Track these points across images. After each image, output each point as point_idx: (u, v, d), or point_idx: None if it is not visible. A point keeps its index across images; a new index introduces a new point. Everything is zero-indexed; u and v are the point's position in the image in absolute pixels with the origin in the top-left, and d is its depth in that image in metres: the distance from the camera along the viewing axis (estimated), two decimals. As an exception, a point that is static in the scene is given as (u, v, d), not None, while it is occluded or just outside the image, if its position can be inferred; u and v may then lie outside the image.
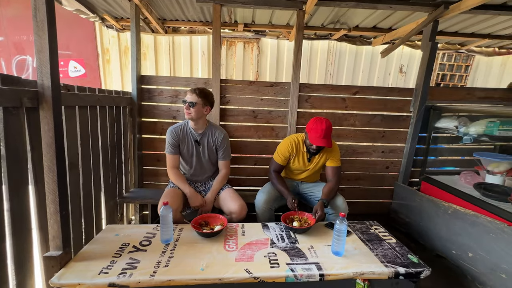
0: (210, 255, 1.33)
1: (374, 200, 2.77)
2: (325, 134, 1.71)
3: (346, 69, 3.99)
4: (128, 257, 1.29)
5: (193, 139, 1.85)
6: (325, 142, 1.72)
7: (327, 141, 1.73)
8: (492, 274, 1.60)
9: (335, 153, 1.92)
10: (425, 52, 2.31)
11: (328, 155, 1.92)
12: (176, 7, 2.48)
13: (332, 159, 1.91)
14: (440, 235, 2.00)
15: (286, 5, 2.16)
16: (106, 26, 3.03)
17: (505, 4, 2.13)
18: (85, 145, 1.62)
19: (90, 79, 3.87)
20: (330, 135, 1.77)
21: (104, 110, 1.87)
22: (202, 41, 3.76)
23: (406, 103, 2.52)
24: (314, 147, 1.79)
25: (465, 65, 4.20)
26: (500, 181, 1.99)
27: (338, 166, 1.91)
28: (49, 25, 1.06)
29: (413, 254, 1.41)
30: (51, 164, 1.15)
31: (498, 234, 1.57)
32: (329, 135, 1.75)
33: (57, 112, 1.15)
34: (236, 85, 2.39)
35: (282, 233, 1.58)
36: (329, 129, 1.73)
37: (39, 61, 1.08)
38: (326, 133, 1.71)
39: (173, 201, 1.68)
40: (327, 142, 1.72)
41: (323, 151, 1.92)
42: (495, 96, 2.58)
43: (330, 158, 1.91)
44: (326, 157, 1.92)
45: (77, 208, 1.57)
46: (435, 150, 2.68)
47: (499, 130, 1.86)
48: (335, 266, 1.28)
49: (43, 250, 1.24)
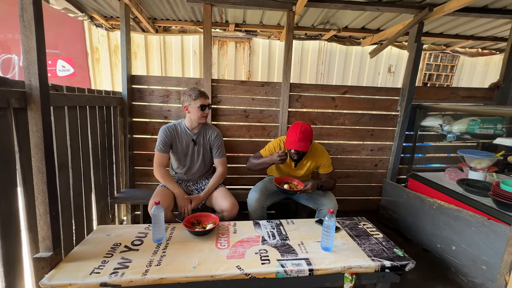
0: (202, 253, 1.35)
1: (363, 197, 2.84)
2: (299, 137, 1.70)
3: (337, 69, 4.05)
4: (120, 257, 1.29)
5: (190, 138, 1.87)
6: (300, 145, 1.70)
7: (303, 145, 1.71)
8: (473, 266, 1.68)
9: (325, 159, 1.94)
10: (411, 53, 2.38)
11: (318, 161, 1.94)
12: (167, 6, 2.47)
13: (324, 166, 1.95)
14: (426, 229, 2.08)
15: (276, 6, 2.19)
16: (95, 25, 2.99)
17: (486, 7, 2.22)
18: (75, 145, 1.61)
19: (79, 78, 3.80)
20: (307, 139, 1.74)
21: (94, 110, 1.86)
22: (193, 40, 3.75)
23: (394, 102, 2.59)
24: (293, 151, 1.81)
25: (450, 65, 4.34)
26: (482, 177, 2.08)
27: (332, 171, 1.98)
28: (36, 25, 1.06)
29: (398, 248, 1.47)
30: (40, 165, 1.14)
31: (479, 228, 1.64)
32: (306, 138, 1.72)
33: (46, 113, 1.15)
34: (227, 85, 2.40)
35: (274, 231, 1.61)
36: (305, 133, 1.72)
37: (26, 61, 1.07)
38: (301, 137, 1.70)
39: (164, 200, 1.69)
40: (302, 146, 1.71)
41: (310, 157, 1.94)
42: (477, 95, 2.68)
43: (321, 165, 1.95)
44: (316, 164, 1.95)
45: (67, 209, 1.56)
46: (422, 148, 2.77)
47: (480, 128, 1.94)
48: (324, 261, 1.32)
49: (33, 251, 1.23)
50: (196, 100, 1.74)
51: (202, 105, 1.75)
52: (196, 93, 1.76)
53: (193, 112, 1.77)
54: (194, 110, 1.77)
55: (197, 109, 1.75)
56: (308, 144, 1.77)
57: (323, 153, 1.95)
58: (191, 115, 1.79)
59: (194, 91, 1.76)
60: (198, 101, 1.74)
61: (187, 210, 1.74)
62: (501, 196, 1.62)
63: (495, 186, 1.68)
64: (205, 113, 1.79)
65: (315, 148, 1.98)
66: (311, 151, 1.96)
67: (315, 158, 1.95)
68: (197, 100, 1.74)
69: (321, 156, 1.94)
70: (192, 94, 1.75)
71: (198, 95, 1.75)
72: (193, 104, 1.75)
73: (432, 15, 2.16)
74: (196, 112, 1.76)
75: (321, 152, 1.96)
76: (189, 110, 1.78)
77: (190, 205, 1.76)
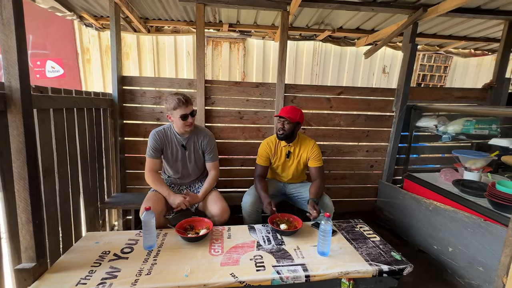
0: (195, 261, 1.30)
1: (359, 199, 2.82)
2: (288, 108, 1.84)
3: (332, 70, 4.04)
4: (108, 266, 1.24)
5: (179, 144, 1.79)
6: (285, 112, 1.81)
7: (288, 112, 1.81)
8: (470, 268, 1.66)
9: (316, 151, 1.92)
10: (406, 53, 2.37)
11: (309, 153, 1.92)
12: (159, 6, 2.42)
13: (313, 159, 1.92)
14: (422, 230, 2.06)
15: (270, 6, 2.15)
16: (85, 25, 2.91)
17: (479, 8, 2.23)
18: (61, 149, 1.55)
19: (69, 79, 3.71)
20: (295, 112, 1.83)
21: (82, 112, 1.79)
22: (187, 41, 3.69)
23: (389, 103, 2.58)
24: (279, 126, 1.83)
25: (444, 66, 4.37)
26: (477, 178, 2.08)
27: (321, 166, 1.93)
28: (16, 24, 1.00)
29: (396, 252, 1.44)
30: (21, 171, 1.08)
31: (475, 229, 1.63)
32: (292, 111, 1.82)
33: (27, 116, 1.09)
34: (221, 86, 2.36)
35: (269, 235, 1.57)
36: (293, 108, 1.85)
37: (6, 62, 1.01)
38: (288, 109, 1.83)
39: (156, 205, 1.63)
40: (287, 112, 1.80)
41: (299, 145, 1.93)
42: (471, 96, 2.70)
43: (311, 158, 1.92)
44: (306, 154, 1.93)
45: (54, 215, 1.49)
46: (417, 149, 2.77)
47: (475, 129, 1.94)
48: (321, 266, 1.29)
49: (15, 262, 1.17)
50: (176, 109, 1.60)
51: (183, 114, 1.61)
52: (175, 102, 1.59)
53: (175, 121, 1.67)
54: (175, 120, 1.65)
55: (179, 120, 1.63)
56: (294, 116, 1.81)
57: (313, 144, 1.95)
58: (175, 124, 1.71)
59: (173, 100, 1.60)
60: (179, 111, 1.60)
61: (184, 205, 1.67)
62: (497, 196, 1.61)
63: (491, 187, 1.67)
64: (188, 122, 1.66)
65: (304, 138, 1.98)
66: (300, 139, 1.95)
67: (305, 148, 1.93)
68: (177, 109, 1.60)
69: (311, 146, 1.93)
70: (171, 103, 1.60)
71: (177, 104, 1.59)
72: (174, 114, 1.63)
73: (426, 15, 2.16)
74: (177, 122, 1.65)
75: (311, 142, 1.95)
76: (171, 118, 1.68)
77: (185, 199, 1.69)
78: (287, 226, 1.59)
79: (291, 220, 1.68)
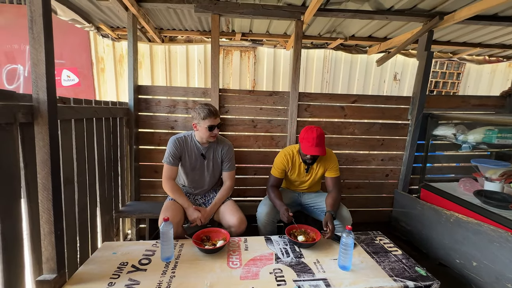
0: (214, 274, 1.28)
1: (374, 208, 2.75)
2: (317, 142, 1.68)
3: (342, 77, 4.03)
4: (127, 278, 1.23)
5: (199, 153, 1.79)
6: (318, 150, 1.68)
7: (320, 149, 1.69)
8: (497, 284, 1.59)
9: (333, 163, 1.89)
10: (421, 61, 2.34)
11: (326, 165, 1.89)
12: (174, 17, 2.47)
13: (331, 169, 1.88)
14: (443, 243, 1.99)
15: (285, 15, 2.17)
16: (101, 35, 2.99)
17: (496, 15, 2.19)
18: (80, 159, 1.56)
19: (83, 88, 3.79)
20: (323, 143, 1.73)
21: (101, 121, 1.82)
22: (198, 50, 3.75)
23: (404, 111, 2.54)
24: (309, 157, 1.76)
25: (456, 73, 4.30)
26: (499, 188, 2.00)
27: (338, 176, 1.89)
28: (46, 38, 1.02)
29: (420, 267, 1.39)
30: (45, 182, 1.09)
31: (502, 243, 1.56)
32: (322, 143, 1.71)
33: (53, 127, 1.10)
34: (235, 95, 2.37)
35: (287, 247, 1.54)
36: (320, 137, 1.69)
37: (35, 74, 1.03)
38: (317, 142, 1.68)
39: (174, 215, 1.62)
40: (320, 151, 1.69)
41: (320, 160, 1.89)
42: (488, 104, 2.63)
43: (329, 168, 1.89)
44: (324, 167, 1.90)
45: (72, 225, 1.50)
46: (433, 158, 2.70)
47: (498, 138, 1.88)
48: (344, 281, 1.25)
49: (36, 273, 1.17)
50: (205, 120, 1.64)
51: (210, 125, 1.65)
52: (206, 112, 1.64)
53: (201, 130, 1.69)
54: (202, 129, 1.68)
55: (205, 130, 1.66)
56: (324, 148, 1.73)
57: (331, 156, 1.91)
58: (199, 133, 1.73)
59: (204, 110, 1.64)
60: (207, 121, 1.64)
61: (199, 221, 1.68)
62: (525, 210, 1.55)
63: (518, 199, 1.61)
64: (213, 133, 1.69)
65: None
66: None
67: (324, 162, 1.89)
68: (206, 120, 1.64)
69: (329, 159, 1.89)
70: (201, 112, 1.64)
71: (208, 114, 1.63)
72: (201, 124, 1.66)
73: (442, 23, 2.14)
74: (204, 132, 1.68)
75: (329, 155, 1.90)
76: (197, 128, 1.71)
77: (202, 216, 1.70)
78: (305, 238, 1.55)
79: (308, 232, 1.64)
